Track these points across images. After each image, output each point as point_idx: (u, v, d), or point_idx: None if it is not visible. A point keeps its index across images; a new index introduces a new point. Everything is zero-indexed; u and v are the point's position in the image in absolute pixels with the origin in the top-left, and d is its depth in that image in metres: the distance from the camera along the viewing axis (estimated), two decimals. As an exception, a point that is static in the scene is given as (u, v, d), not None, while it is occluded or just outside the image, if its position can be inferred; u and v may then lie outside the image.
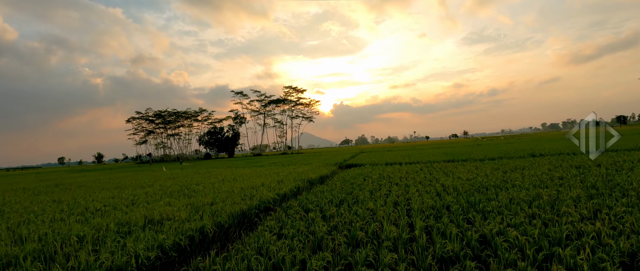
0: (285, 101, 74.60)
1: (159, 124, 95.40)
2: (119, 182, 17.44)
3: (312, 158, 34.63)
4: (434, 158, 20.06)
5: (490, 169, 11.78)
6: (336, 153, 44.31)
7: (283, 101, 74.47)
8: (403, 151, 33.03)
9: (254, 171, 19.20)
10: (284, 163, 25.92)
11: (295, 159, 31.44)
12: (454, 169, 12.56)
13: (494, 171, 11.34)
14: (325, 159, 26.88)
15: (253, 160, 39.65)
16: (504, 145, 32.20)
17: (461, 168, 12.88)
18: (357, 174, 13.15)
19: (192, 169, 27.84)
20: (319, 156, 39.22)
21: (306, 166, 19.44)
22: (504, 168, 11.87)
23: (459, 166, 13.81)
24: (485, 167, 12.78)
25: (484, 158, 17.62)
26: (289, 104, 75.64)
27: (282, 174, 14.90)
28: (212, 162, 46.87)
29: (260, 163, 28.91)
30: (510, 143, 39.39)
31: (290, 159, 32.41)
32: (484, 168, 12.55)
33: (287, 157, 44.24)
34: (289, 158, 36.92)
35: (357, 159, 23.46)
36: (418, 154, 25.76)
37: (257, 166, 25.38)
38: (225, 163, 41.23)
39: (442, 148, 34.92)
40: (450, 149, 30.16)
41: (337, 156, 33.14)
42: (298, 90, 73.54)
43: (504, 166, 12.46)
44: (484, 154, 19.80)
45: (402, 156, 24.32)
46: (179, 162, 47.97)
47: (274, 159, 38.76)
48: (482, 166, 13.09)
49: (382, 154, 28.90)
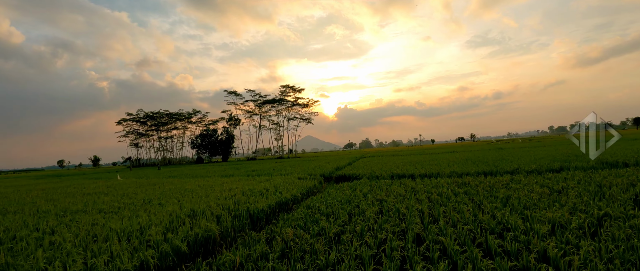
0: (281, 102, 69.38)
1: (151, 126, 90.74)
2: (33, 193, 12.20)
3: (304, 163, 29.35)
4: (459, 167, 14.56)
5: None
6: (334, 158, 38.99)
7: (279, 102, 69.25)
8: (412, 157, 27.56)
9: (212, 183, 13.93)
10: (263, 171, 20.69)
11: (282, 166, 26.15)
12: (523, 195, 7.06)
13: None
14: (316, 167, 21.61)
15: (238, 166, 34.39)
16: (532, 149, 26.55)
17: (530, 192, 7.40)
18: (344, 199, 7.78)
19: (155, 178, 22.84)
20: (313, 161, 33.90)
21: (280, 178, 14.11)
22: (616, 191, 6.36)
23: (515, 185, 8.37)
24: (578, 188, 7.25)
25: (532, 170, 12.18)
26: (286, 105, 70.41)
27: (232, 192, 9.78)
28: (194, 167, 41.74)
29: (236, 172, 23.59)
30: (535, 146, 33.68)
31: (278, 166, 27.12)
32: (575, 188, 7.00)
33: (278, 162, 38.93)
34: (278, 164, 31.61)
35: (353, 168, 18.08)
36: (432, 160, 20.30)
37: (228, 175, 20.14)
38: (207, 168, 36.15)
39: (459, 153, 29.44)
40: (469, 154, 24.63)
41: (333, 162, 27.81)
42: (295, 89, 68.31)
43: (605, 183, 6.95)
44: (521, 163, 14.32)
45: (412, 163, 18.90)
46: (157, 167, 42.90)
47: (262, 165, 33.46)
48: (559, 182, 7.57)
49: (387, 161, 23.54)
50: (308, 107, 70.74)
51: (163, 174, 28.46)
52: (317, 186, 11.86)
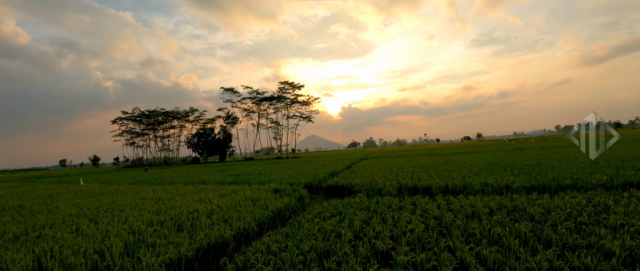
0: (279, 99, 65.95)
1: (148, 125, 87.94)
2: None
3: (300, 165, 25.99)
4: (489, 176, 10.94)
5: None
6: (334, 159, 35.59)
7: (277, 99, 65.82)
8: (421, 159, 24.02)
9: (164, 195, 10.63)
10: (243, 178, 17.34)
11: (271, 169, 22.79)
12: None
13: None
14: (308, 171, 18.21)
15: (224, 169, 31.09)
16: (560, 150, 22.81)
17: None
18: (318, 247, 4.35)
19: (118, 185, 19.67)
20: (310, 162, 30.50)
21: (251, 191, 10.63)
22: None
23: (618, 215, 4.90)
24: None
25: (601, 183, 8.63)
26: (284, 102, 66.96)
27: (167, 214, 6.48)
28: (184, 169, 38.52)
29: (215, 176, 20.21)
30: (561, 146, 29.87)
31: (267, 170, 23.79)
32: None
33: (273, 164, 35.60)
34: (270, 167, 28.26)
35: (351, 175, 14.51)
36: (446, 163, 16.74)
37: (201, 182, 16.79)
38: (195, 169, 32.96)
39: (473, 153, 25.85)
40: (489, 156, 20.98)
41: (331, 164, 24.39)
42: (295, 86, 64.84)
43: None
44: (572, 172, 10.75)
45: (424, 167, 15.39)
46: (144, 168, 39.78)
47: (253, 167, 30.13)
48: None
49: (392, 163, 20.09)
50: (308, 105, 67.30)
51: (143, 177, 25.35)
52: (293, 204, 8.41)
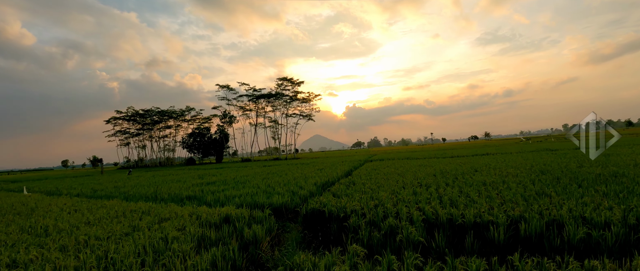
0: (278, 96, 62.08)
1: (144, 125, 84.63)
2: None
3: (292, 169, 22.20)
4: (571, 196, 6.96)
5: None
6: (333, 162, 31.73)
7: (275, 96, 61.97)
8: (437, 162, 19.99)
9: (101, 214, 6.82)
10: (217, 183, 13.58)
11: (254, 175, 18.97)
12: None
13: None
14: (294, 180, 14.34)
15: (203, 174, 27.36)
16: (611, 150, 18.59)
17: None
18: None
19: (66, 197, 16.02)
20: (306, 166, 26.67)
21: (204, 212, 6.69)
22: None
23: None
24: None
25: None
26: (282, 99, 63.02)
27: None
28: (173, 171, 34.81)
29: (183, 184, 16.36)
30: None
31: (250, 176, 20.02)
32: None
33: (265, 167, 31.81)
34: (258, 171, 24.46)
35: (348, 190, 10.46)
36: (474, 169, 12.79)
37: (157, 199, 12.98)
38: (182, 172, 29.29)
39: (501, 155, 21.78)
40: (525, 160, 16.89)
41: (328, 169, 20.54)
42: (294, 82, 60.95)
43: None
44: None
45: (450, 176, 11.39)
46: (128, 171, 36.19)
47: (239, 171, 26.39)
48: None
49: (402, 168, 16.17)
50: (308, 102, 63.32)
51: (119, 181, 21.66)
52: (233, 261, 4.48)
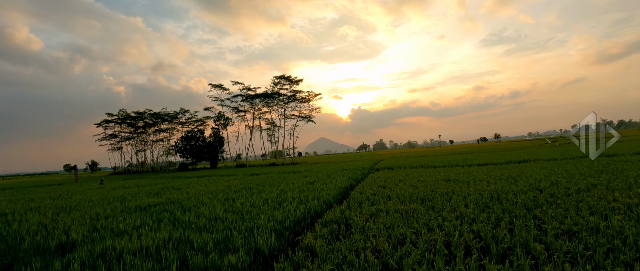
0: (274, 96, 57.20)
1: (137, 129, 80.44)
2: None
3: (279, 180, 17.42)
4: None
5: None
6: (334, 169, 26.80)
7: (272, 96, 57.10)
8: (463, 171, 14.92)
9: None
10: (160, 204, 8.80)
11: (226, 189, 14.10)
12: None
13: None
14: (278, 197, 9.56)
15: (165, 182, 22.57)
16: None
17: None
18: None
19: None
20: (298, 175, 21.79)
21: None
22: None
23: None
24: None
25: None
26: (279, 99, 58.07)
27: None
28: (157, 178, 30.02)
29: (96, 210, 11.50)
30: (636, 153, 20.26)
31: (223, 187, 15.15)
32: None
33: (253, 176, 27.00)
34: (236, 182, 19.58)
35: (336, 236, 5.66)
36: (533, 186, 7.84)
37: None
38: (161, 181, 24.56)
39: (543, 162, 16.60)
40: (570, 168, 11.78)
41: (322, 182, 15.64)
42: (292, 80, 56.09)
43: None
44: None
45: (495, 196, 6.55)
46: (100, 181, 31.56)
47: (217, 182, 21.65)
48: None
49: (422, 183, 11.25)
50: (308, 102, 58.36)
51: (64, 196, 16.89)
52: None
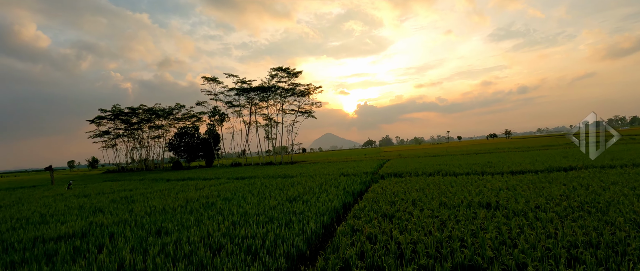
0: (271, 89, 52.98)
1: (131, 125, 77.13)
2: None
3: (261, 186, 13.52)
4: None
5: None
6: (333, 170, 22.76)
7: (268, 90, 52.90)
8: (498, 180, 10.76)
9: None
10: None
11: (172, 203, 10.17)
12: None
13: None
14: (236, 216, 5.59)
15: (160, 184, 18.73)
16: None
17: None
18: None
19: None
20: (286, 181, 17.76)
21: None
22: None
23: None
24: None
25: None
26: (276, 93, 53.86)
27: None
28: (128, 179, 26.23)
29: None
30: None
31: (196, 196, 11.18)
32: None
33: (235, 181, 23.17)
34: (208, 191, 15.59)
35: None
36: None
37: None
38: (129, 185, 20.69)
39: (591, 167, 12.27)
40: None
41: (311, 193, 11.61)
42: (290, 73, 51.82)
43: None
44: None
45: None
46: (68, 185, 27.97)
47: (185, 191, 17.84)
48: None
49: (452, 197, 7.21)
50: (308, 96, 54.07)
51: None
52: None
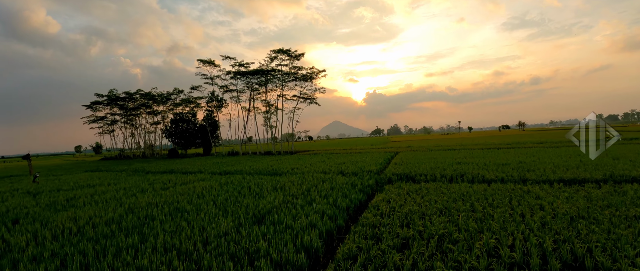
0: (270, 73, 49.15)
1: (128, 111, 74.40)
2: None
3: (249, 187, 10.10)
4: None
5: None
6: (332, 165, 19.29)
7: (267, 73, 49.06)
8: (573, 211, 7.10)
9: None
10: None
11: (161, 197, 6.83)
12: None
13: None
14: None
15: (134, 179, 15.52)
16: None
17: None
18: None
19: None
20: (284, 178, 14.37)
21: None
22: None
23: None
24: None
25: None
26: (276, 77, 50.00)
27: None
28: (112, 169, 23.16)
29: None
30: None
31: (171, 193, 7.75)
32: None
33: (216, 176, 19.89)
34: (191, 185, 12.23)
35: None
36: None
37: None
38: (110, 177, 17.59)
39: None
40: None
41: (288, 207, 8.12)
42: (291, 55, 47.80)
43: None
44: None
45: None
46: (33, 177, 24.90)
47: (167, 193, 14.50)
48: None
49: None
50: (311, 80, 50.10)
51: None
52: None
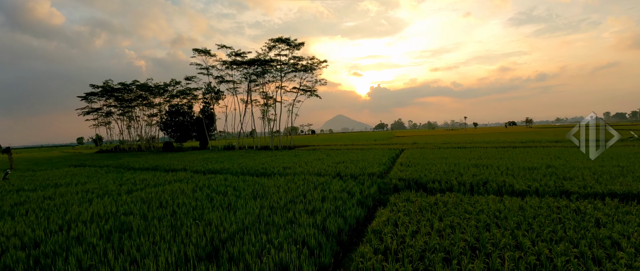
0: (269, 64, 46.43)
1: (123, 102, 72.16)
2: None
3: (243, 186, 7.68)
4: None
5: None
6: (329, 164, 16.85)
7: (265, 63, 46.33)
8: None
9: None
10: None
11: None
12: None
13: None
14: None
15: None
16: None
17: None
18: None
19: None
20: (271, 182, 11.98)
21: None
22: None
23: None
24: None
25: None
26: (275, 68, 47.29)
27: None
28: (102, 163, 20.91)
29: None
30: None
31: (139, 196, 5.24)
32: None
33: (204, 176, 17.49)
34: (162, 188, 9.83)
35: None
36: None
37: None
38: (91, 174, 15.30)
39: None
40: None
41: (254, 234, 5.69)
42: (291, 44, 45.01)
43: None
44: None
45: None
46: (4, 174, 22.20)
47: (137, 193, 12.03)
48: None
49: None
50: (311, 72, 47.35)
51: None
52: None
